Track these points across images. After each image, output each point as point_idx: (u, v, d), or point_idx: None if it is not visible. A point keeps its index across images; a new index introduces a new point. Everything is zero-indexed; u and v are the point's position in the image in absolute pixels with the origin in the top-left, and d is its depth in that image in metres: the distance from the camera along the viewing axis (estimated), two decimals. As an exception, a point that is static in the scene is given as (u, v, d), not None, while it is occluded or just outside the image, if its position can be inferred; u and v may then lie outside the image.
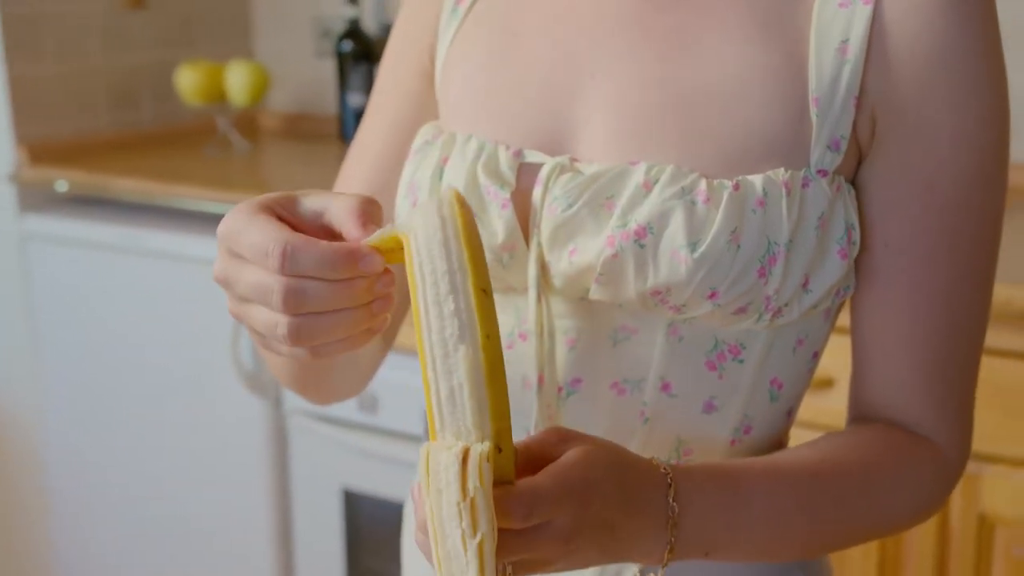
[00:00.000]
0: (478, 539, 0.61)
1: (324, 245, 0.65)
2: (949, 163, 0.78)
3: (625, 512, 0.69)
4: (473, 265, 0.64)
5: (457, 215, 0.66)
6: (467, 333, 0.63)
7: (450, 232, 0.65)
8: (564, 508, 0.65)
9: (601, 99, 0.81)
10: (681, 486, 0.72)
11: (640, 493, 0.70)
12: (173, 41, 2.82)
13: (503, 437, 0.63)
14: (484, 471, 0.61)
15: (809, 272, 0.78)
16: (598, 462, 0.68)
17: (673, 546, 0.71)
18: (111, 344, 2.43)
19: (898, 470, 0.81)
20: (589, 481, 0.67)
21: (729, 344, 0.81)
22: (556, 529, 0.65)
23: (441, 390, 0.64)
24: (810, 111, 0.77)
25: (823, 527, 0.78)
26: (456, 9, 0.90)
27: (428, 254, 0.65)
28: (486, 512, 0.61)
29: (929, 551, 1.72)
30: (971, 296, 0.81)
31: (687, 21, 0.81)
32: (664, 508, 0.71)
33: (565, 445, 0.69)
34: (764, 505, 0.75)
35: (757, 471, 0.76)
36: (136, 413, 2.43)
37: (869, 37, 0.77)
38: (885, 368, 0.82)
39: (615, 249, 0.76)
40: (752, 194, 0.76)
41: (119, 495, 2.50)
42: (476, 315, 0.63)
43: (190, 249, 2.29)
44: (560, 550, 0.66)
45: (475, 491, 0.61)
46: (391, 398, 2.13)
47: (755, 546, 0.76)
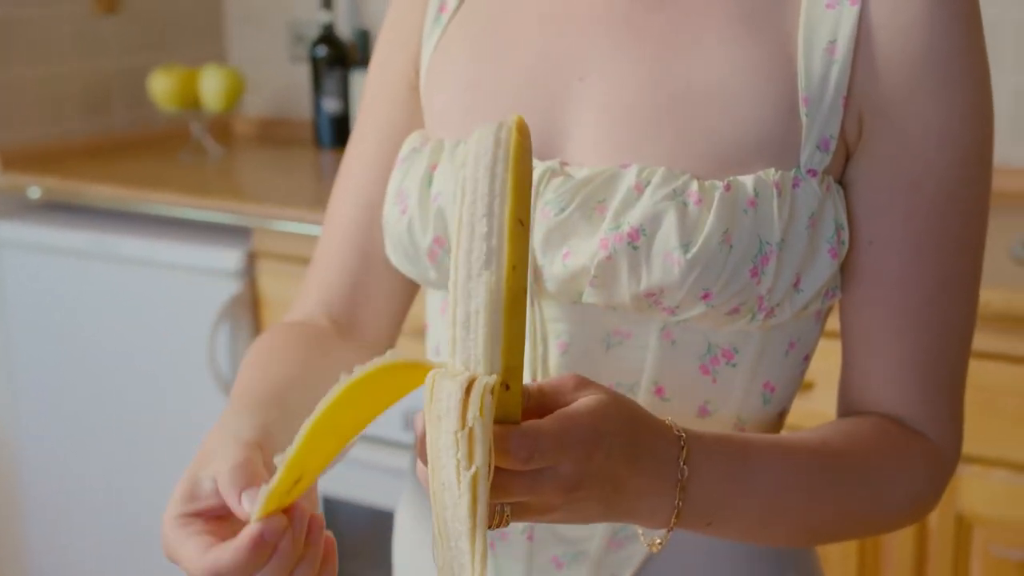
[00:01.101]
0: (472, 471, 0.59)
1: (232, 552, 0.66)
2: (934, 161, 0.79)
3: (633, 468, 0.68)
4: (515, 193, 0.63)
5: (512, 141, 0.65)
6: (494, 259, 0.62)
7: (500, 155, 0.64)
8: (568, 455, 0.64)
9: (590, 102, 0.82)
10: (693, 449, 0.71)
11: (651, 452, 0.69)
12: (146, 46, 2.81)
13: (513, 375, 0.62)
14: (486, 403, 0.60)
15: (800, 272, 0.78)
16: (610, 414, 0.67)
17: (680, 510, 0.71)
18: (85, 351, 2.42)
19: (895, 460, 0.81)
20: (598, 432, 0.66)
21: (722, 348, 0.81)
22: (559, 476, 0.65)
23: (459, 313, 0.63)
24: (800, 111, 0.78)
25: (821, 508, 0.78)
26: (439, 17, 0.90)
27: (474, 173, 0.64)
28: (483, 445, 0.59)
29: (908, 551, 1.73)
30: (958, 293, 0.82)
31: (675, 22, 0.81)
32: (675, 470, 0.70)
33: (580, 392, 0.68)
34: (768, 479, 0.75)
35: (763, 446, 0.76)
36: (111, 421, 2.41)
37: (856, 37, 0.78)
38: (875, 366, 0.83)
39: (608, 251, 0.76)
40: (743, 194, 0.76)
41: (94, 503, 2.48)
42: (507, 243, 0.62)
43: (164, 255, 2.28)
44: (561, 498, 0.66)
45: (474, 421, 0.59)
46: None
47: (754, 521, 0.76)
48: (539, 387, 0.68)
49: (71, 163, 2.57)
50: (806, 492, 0.77)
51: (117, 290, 2.36)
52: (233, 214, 2.21)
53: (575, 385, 0.69)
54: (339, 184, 0.98)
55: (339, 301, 0.95)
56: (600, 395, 0.68)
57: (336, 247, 0.96)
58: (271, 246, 2.19)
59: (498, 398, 0.62)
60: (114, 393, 2.40)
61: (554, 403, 0.67)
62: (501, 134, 0.65)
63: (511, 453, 0.62)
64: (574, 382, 0.69)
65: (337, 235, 0.96)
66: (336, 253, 0.96)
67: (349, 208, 0.96)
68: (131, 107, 2.78)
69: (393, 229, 0.87)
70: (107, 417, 2.42)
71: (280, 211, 2.16)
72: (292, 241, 2.15)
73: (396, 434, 2.10)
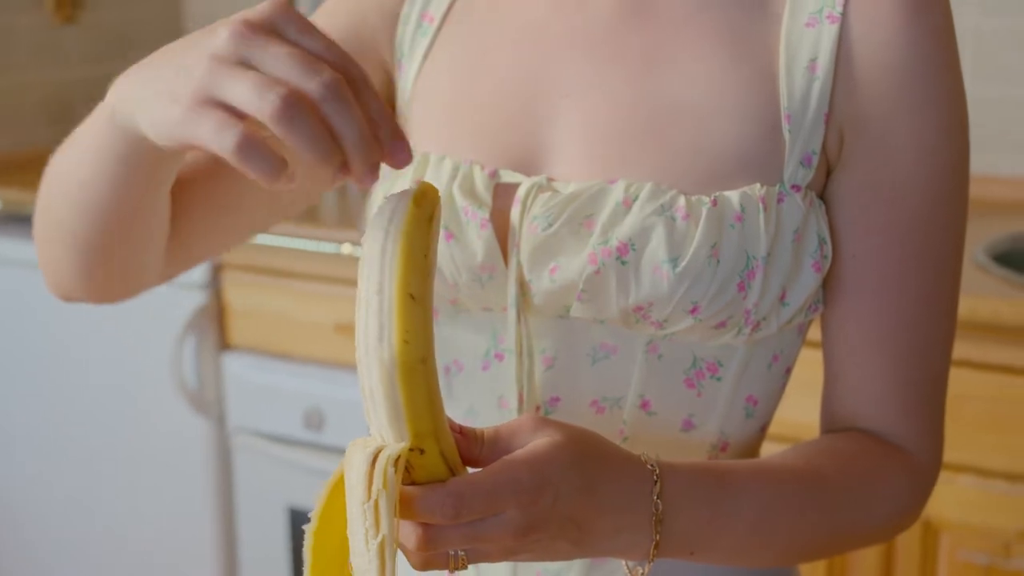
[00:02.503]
0: (379, 540, 0.61)
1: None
2: (913, 175, 0.80)
3: (594, 508, 0.69)
4: (405, 268, 0.63)
5: (407, 214, 0.65)
6: (384, 334, 0.63)
7: (391, 230, 0.64)
8: (507, 503, 0.65)
9: (575, 118, 0.82)
10: (667, 483, 0.72)
11: (616, 490, 0.70)
12: (106, 55, 2.79)
13: (424, 439, 0.64)
14: (389, 475, 0.61)
15: (786, 286, 0.79)
16: (556, 456, 0.67)
17: (659, 543, 0.71)
18: (50, 363, 2.39)
19: (876, 475, 0.82)
20: (541, 476, 0.66)
21: (707, 361, 0.82)
22: (504, 522, 0.65)
23: (364, 387, 0.65)
24: (782, 128, 0.79)
25: (804, 530, 0.79)
26: (423, 24, 0.90)
27: (369, 246, 0.65)
28: (387, 514, 0.61)
29: (876, 556, 1.75)
30: (938, 305, 0.83)
31: (658, 40, 0.82)
32: (648, 505, 0.71)
33: (536, 434, 0.68)
34: (750, 505, 0.75)
35: (743, 472, 0.77)
36: (75, 433, 2.39)
37: (837, 55, 0.79)
38: (857, 379, 0.84)
39: (597, 266, 0.77)
40: (730, 210, 0.77)
41: (59, 516, 2.45)
42: (395, 318, 0.63)
43: (129, 267, 2.26)
44: (515, 543, 0.66)
45: (378, 493, 0.61)
46: (337, 415, 2.12)
47: (738, 547, 0.76)
48: (495, 432, 0.69)
49: (33, 174, 2.53)
50: (789, 514, 0.77)
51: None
52: (198, 225, 2.20)
53: (532, 427, 0.69)
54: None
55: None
56: (553, 437, 0.68)
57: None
58: (237, 257, 2.18)
59: (416, 463, 0.64)
60: (79, 406, 2.37)
61: (508, 447, 0.68)
62: (399, 205, 0.65)
63: (435, 512, 0.64)
64: (532, 424, 0.69)
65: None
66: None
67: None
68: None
69: None
70: (72, 430, 2.39)
71: (246, 222, 2.15)
72: (259, 252, 2.15)
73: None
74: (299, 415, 2.15)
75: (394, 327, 0.63)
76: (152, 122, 0.66)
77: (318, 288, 2.12)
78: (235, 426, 2.23)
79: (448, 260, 0.81)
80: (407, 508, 0.64)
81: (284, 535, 2.22)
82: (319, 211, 2.32)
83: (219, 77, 0.62)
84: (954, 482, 1.68)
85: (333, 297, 2.10)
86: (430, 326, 0.64)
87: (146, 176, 0.77)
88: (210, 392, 2.24)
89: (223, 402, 2.24)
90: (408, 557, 0.68)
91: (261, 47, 0.62)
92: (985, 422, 1.66)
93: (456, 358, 0.86)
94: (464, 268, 0.81)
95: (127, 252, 0.85)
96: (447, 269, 0.82)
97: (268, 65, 0.61)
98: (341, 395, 2.11)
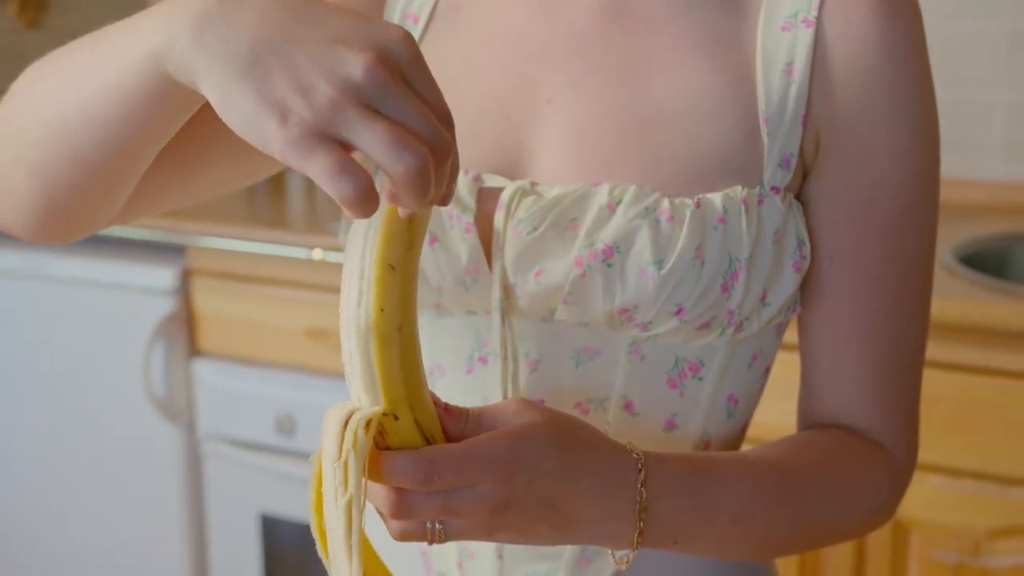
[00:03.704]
0: (346, 499, 0.62)
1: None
2: (888, 176, 0.81)
3: (576, 491, 0.69)
4: (385, 240, 0.65)
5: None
6: (363, 300, 0.65)
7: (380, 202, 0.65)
8: (480, 474, 0.66)
9: (558, 123, 0.83)
10: (652, 472, 0.73)
11: (601, 475, 0.70)
12: (71, 61, 2.77)
13: (398, 406, 0.65)
14: (359, 436, 0.63)
15: (767, 286, 0.80)
16: (536, 436, 0.68)
17: (643, 531, 0.72)
18: (18, 372, 2.37)
19: (856, 471, 0.83)
20: (518, 453, 0.67)
21: (689, 362, 0.82)
22: (477, 496, 0.66)
23: (344, 352, 0.66)
24: (761, 131, 0.80)
25: (781, 523, 0.80)
26: (405, 23, 0.90)
27: (357, 225, 0.67)
28: (355, 474, 0.62)
29: (847, 555, 1.77)
30: (913, 305, 0.84)
31: (639, 45, 0.83)
32: (633, 492, 0.71)
33: (520, 417, 0.69)
34: (730, 496, 0.76)
35: (725, 463, 0.78)
36: (44, 442, 2.37)
37: (812, 58, 0.80)
38: (835, 379, 0.85)
39: (583, 269, 0.77)
40: (713, 212, 0.78)
41: (29, 525, 2.43)
42: (374, 285, 0.64)
43: (96, 274, 2.25)
44: (488, 517, 0.67)
45: (347, 453, 0.63)
46: (309, 420, 2.11)
47: (719, 537, 0.77)
48: (480, 411, 0.70)
49: (-4, 180, 2.52)
50: (770, 507, 0.78)
51: (48, 310, 2.32)
52: (167, 232, 2.19)
53: (516, 410, 0.70)
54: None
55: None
56: (534, 419, 0.69)
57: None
58: (206, 263, 2.17)
59: (390, 429, 0.65)
60: (48, 414, 2.35)
61: (491, 426, 0.69)
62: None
63: (406, 475, 0.64)
64: (516, 407, 0.70)
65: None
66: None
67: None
68: (57, 123, 2.74)
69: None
70: (41, 438, 2.37)
71: (215, 228, 2.14)
72: (227, 258, 2.14)
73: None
74: (270, 421, 2.14)
75: (371, 295, 0.64)
76: (236, 115, 0.59)
77: (288, 293, 2.11)
78: (206, 433, 2.22)
79: (432, 264, 0.82)
80: (377, 470, 0.65)
81: (256, 541, 2.21)
82: (288, 216, 2.31)
83: (349, 119, 0.57)
84: (924, 482, 1.70)
85: (303, 302, 2.09)
86: (410, 296, 0.66)
87: (167, 125, 0.69)
88: (180, 399, 2.23)
89: (193, 409, 2.23)
90: (387, 526, 0.68)
91: (398, 100, 0.58)
92: (954, 422, 1.68)
93: (439, 361, 0.86)
94: (448, 272, 0.81)
95: (100, 197, 0.75)
96: (431, 273, 0.82)
97: (401, 117, 0.58)
98: (312, 400, 2.11)
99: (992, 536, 1.69)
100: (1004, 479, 1.67)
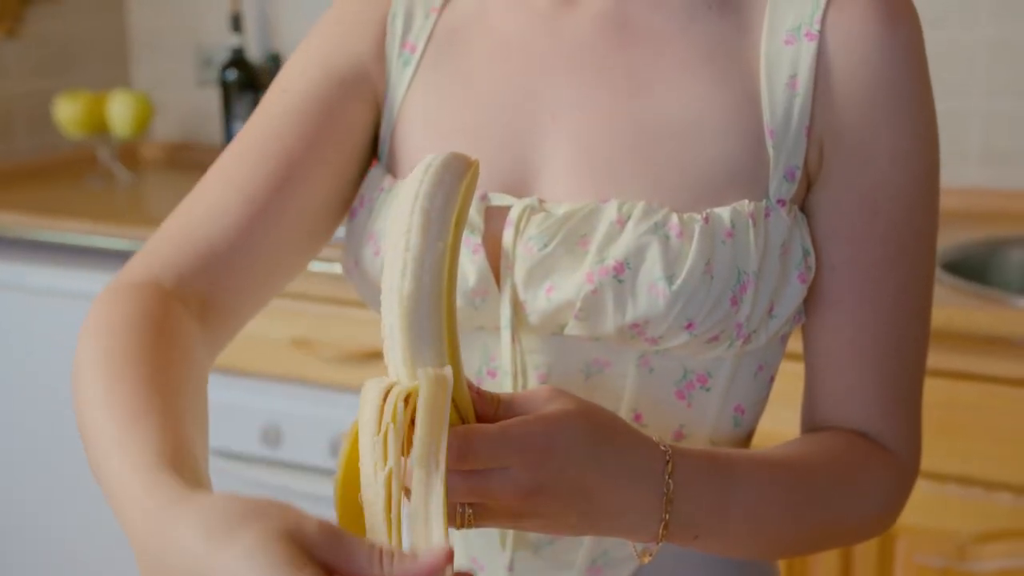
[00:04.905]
0: (385, 472, 0.62)
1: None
2: (889, 184, 0.82)
3: (605, 481, 0.70)
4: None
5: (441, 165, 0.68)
6: (407, 272, 0.65)
7: (427, 179, 0.68)
8: (513, 459, 0.66)
9: (563, 139, 0.83)
10: (679, 464, 0.73)
11: (628, 466, 0.71)
12: (48, 71, 2.75)
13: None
14: (398, 409, 0.63)
15: (774, 298, 0.81)
16: (570, 425, 0.68)
17: (668, 523, 0.73)
18: (1, 381, 2.36)
19: (866, 473, 0.84)
20: (551, 438, 0.67)
21: (697, 373, 0.83)
22: (509, 479, 0.66)
23: (384, 325, 0.66)
24: (766, 144, 0.81)
25: (801, 522, 0.81)
26: (403, 54, 0.90)
27: (403, 195, 0.68)
28: (395, 448, 0.62)
29: (834, 560, 1.78)
30: (915, 309, 0.86)
31: (642, 59, 0.83)
32: (660, 484, 0.72)
33: (551, 404, 0.70)
34: (752, 494, 0.77)
35: (747, 461, 0.78)
36: (22, 453, 2.35)
37: (815, 71, 0.81)
38: (840, 384, 0.86)
39: (595, 285, 0.78)
40: (721, 226, 0.79)
41: (9, 535, 2.41)
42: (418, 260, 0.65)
43: (74, 285, 2.23)
44: (518, 502, 0.67)
45: (386, 427, 0.63)
46: (295, 431, 2.11)
47: (739, 534, 0.78)
48: (511, 397, 0.70)
49: (-24, 190, 2.50)
50: (787, 507, 0.79)
51: (27, 320, 2.30)
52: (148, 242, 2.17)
53: (548, 397, 0.70)
54: (252, 130, 0.88)
55: (199, 278, 0.83)
56: (567, 406, 0.70)
57: (225, 196, 0.85)
58: (189, 274, 2.16)
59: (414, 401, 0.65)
60: (26, 425, 2.34)
61: (523, 411, 0.70)
62: (434, 160, 0.69)
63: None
64: (547, 394, 0.71)
65: (233, 189, 0.85)
66: (222, 209, 0.84)
67: (258, 159, 0.85)
68: (35, 133, 2.72)
69: (367, 269, 0.87)
70: (17, 450, 2.36)
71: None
72: (211, 268, 2.13)
73: (320, 460, 2.08)
74: (256, 431, 2.14)
75: (416, 264, 0.65)
76: None
77: (274, 303, 2.09)
78: (189, 444, 2.21)
79: None
80: (410, 446, 0.64)
81: (240, 553, 2.20)
82: (271, 226, 2.31)
83: None
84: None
85: (289, 312, 2.09)
86: (454, 270, 0.67)
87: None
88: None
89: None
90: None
91: None
92: (939, 427, 1.69)
93: (447, 377, 0.87)
94: (457, 293, 0.81)
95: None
96: None
97: None
98: (298, 411, 2.10)
99: (977, 540, 1.70)
100: (989, 484, 1.69)
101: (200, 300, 0.83)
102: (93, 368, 0.73)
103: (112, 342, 0.74)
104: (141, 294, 0.79)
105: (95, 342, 0.75)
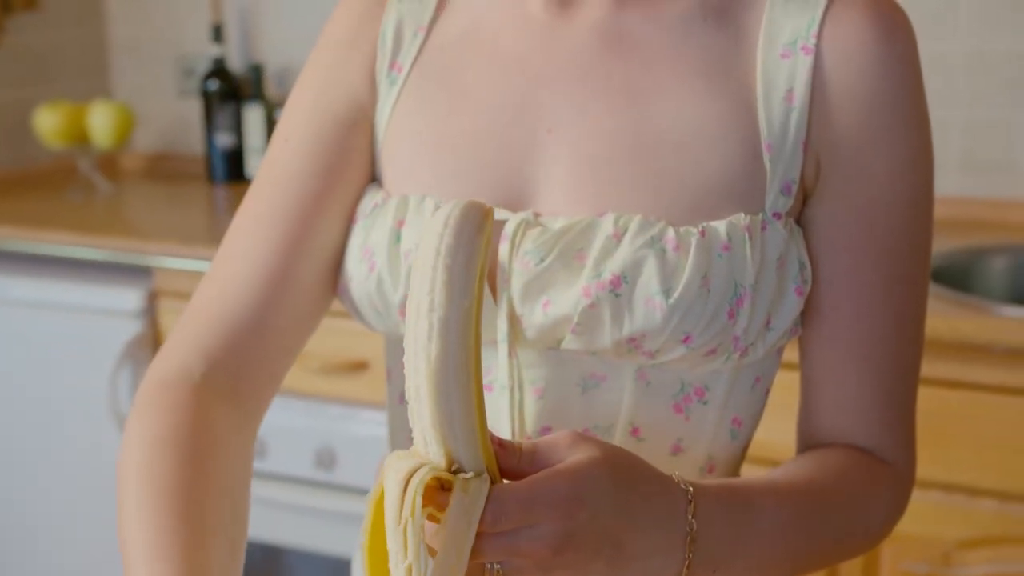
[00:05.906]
0: (405, 565, 0.62)
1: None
2: (886, 197, 0.83)
3: (631, 527, 0.69)
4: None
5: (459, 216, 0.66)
6: (433, 335, 0.64)
7: (447, 233, 0.66)
8: (543, 515, 0.65)
9: (559, 153, 0.83)
10: (700, 502, 0.73)
11: (652, 510, 0.71)
12: (27, 80, 2.74)
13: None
14: (416, 504, 0.62)
15: (771, 311, 0.81)
16: (594, 474, 0.68)
17: (691, 562, 0.72)
18: (-24, 397, 2.34)
19: (869, 488, 0.85)
20: (579, 491, 0.67)
21: (694, 386, 0.83)
22: (540, 535, 0.66)
23: (409, 387, 0.65)
24: (763, 158, 0.81)
25: (814, 543, 0.81)
26: (391, 74, 0.90)
27: (423, 251, 0.66)
28: (414, 540, 0.62)
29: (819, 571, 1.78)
30: (910, 319, 0.86)
31: (637, 72, 0.84)
32: (683, 524, 0.72)
33: (573, 450, 0.69)
34: (768, 523, 0.77)
35: (762, 490, 0.78)
36: (10, 465, 2.34)
37: (812, 84, 0.81)
38: (837, 397, 0.86)
39: (592, 299, 0.78)
40: (717, 240, 0.79)
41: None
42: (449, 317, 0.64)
43: (55, 296, 2.22)
44: (549, 558, 0.67)
45: (405, 521, 0.62)
46: (280, 443, 2.10)
47: (755, 562, 0.78)
48: (533, 445, 0.69)
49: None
50: (801, 531, 0.79)
51: (10, 333, 2.29)
52: (133, 253, 2.17)
53: (570, 442, 0.70)
54: (262, 187, 0.90)
55: (227, 355, 0.86)
56: (591, 454, 0.69)
57: (244, 268, 0.87)
58: (172, 284, 2.15)
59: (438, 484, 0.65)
60: (13, 438, 2.32)
61: (546, 461, 0.69)
62: (451, 214, 0.66)
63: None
64: (569, 439, 0.70)
65: (247, 261, 0.87)
66: (241, 282, 0.86)
67: (269, 228, 0.87)
68: (14, 143, 2.71)
69: (360, 286, 0.86)
70: (6, 462, 2.34)
71: (181, 249, 2.13)
72: (194, 279, 2.11)
73: (307, 473, 2.08)
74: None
75: (442, 325, 0.64)
76: None
77: (257, 315, 2.10)
78: (172, 456, 2.19)
79: None
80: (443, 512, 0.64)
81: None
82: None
83: None
84: (894, 494, 1.72)
85: (273, 324, 2.08)
86: (479, 328, 0.65)
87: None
88: (146, 422, 2.20)
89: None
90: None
91: None
92: (922, 435, 1.69)
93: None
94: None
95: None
96: None
97: None
98: (282, 423, 2.10)
99: (962, 547, 1.71)
100: (972, 490, 1.70)
101: (232, 377, 0.85)
102: (136, 482, 0.79)
103: (152, 455, 0.80)
104: (177, 403, 0.83)
105: (138, 454, 0.81)
